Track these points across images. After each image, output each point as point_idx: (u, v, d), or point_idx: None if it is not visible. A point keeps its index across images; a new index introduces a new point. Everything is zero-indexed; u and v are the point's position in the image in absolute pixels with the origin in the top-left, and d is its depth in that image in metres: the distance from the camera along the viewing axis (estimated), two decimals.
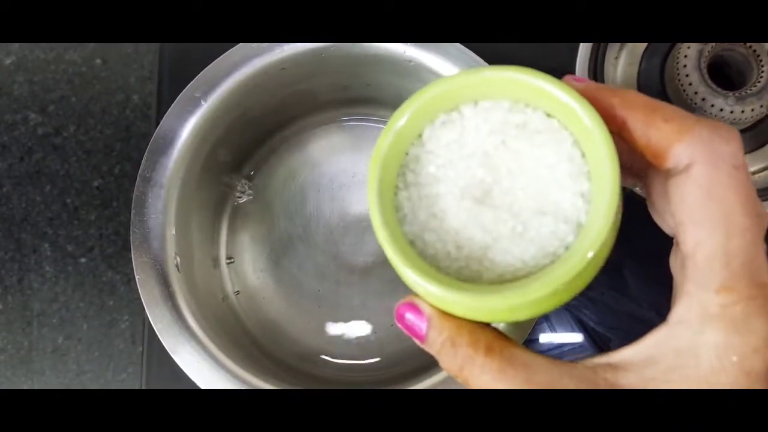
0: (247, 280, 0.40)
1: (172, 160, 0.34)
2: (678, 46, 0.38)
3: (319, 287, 0.39)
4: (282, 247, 0.40)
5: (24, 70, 0.57)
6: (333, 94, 0.39)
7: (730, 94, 0.36)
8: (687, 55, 0.36)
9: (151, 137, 0.34)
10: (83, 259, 0.54)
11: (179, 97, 0.34)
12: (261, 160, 0.41)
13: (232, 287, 0.40)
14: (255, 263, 0.40)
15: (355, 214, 0.40)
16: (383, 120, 0.41)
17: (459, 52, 0.33)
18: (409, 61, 0.34)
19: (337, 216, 0.40)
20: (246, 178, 0.41)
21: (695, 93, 0.36)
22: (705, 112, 0.36)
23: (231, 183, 0.41)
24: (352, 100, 0.40)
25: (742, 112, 0.37)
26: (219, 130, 0.36)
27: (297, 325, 0.39)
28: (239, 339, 0.37)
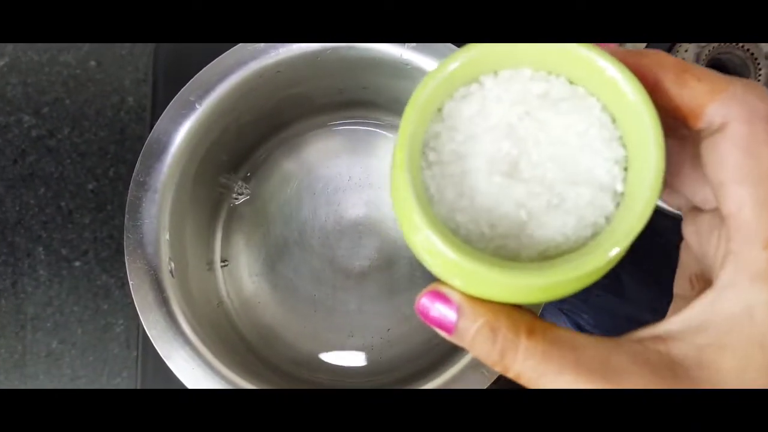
0: (242, 285, 0.40)
1: (166, 164, 0.33)
2: (676, 48, 0.37)
3: (315, 292, 0.39)
4: (277, 251, 0.40)
5: (17, 71, 0.57)
6: (329, 97, 0.39)
7: None
8: (685, 57, 0.36)
9: (145, 140, 0.34)
10: (77, 263, 0.54)
11: (173, 100, 0.34)
12: (256, 164, 0.41)
13: (227, 292, 0.39)
14: (250, 268, 0.40)
15: (351, 218, 0.40)
16: (379, 123, 0.41)
17: None
18: (406, 64, 0.34)
19: (332, 220, 0.40)
20: (241, 182, 0.41)
21: None
22: None
23: (226, 187, 0.40)
24: (348, 103, 0.40)
25: None
26: (214, 134, 0.36)
27: (292, 330, 0.39)
28: (234, 344, 0.37)
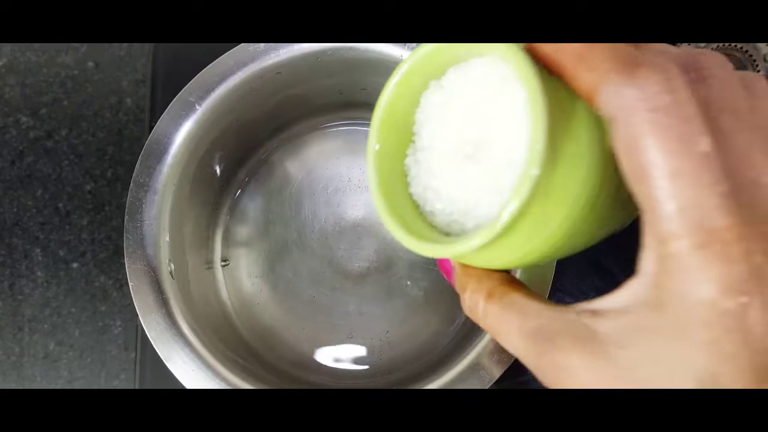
0: (241, 286, 0.40)
1: (166, 165, 0.33)
2: None
3: (314, 293, 0.39)
4: (277, 252, 0.40)
5: (15, 73, 0.57)
6: (328, 98, 0.39)
7: None
8: None
9: (143, 141, 0.34)
10: (75, 264, 0.54)
11: (173, 101, 0.34)
12: (256, 165, 0.41)
13: (226, 293, 0.39)
14: (249, 269, 0.40)
15: (351, 219, 0.40)
16: None
17: None
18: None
19: (332, 221, 0.40)
20: (240, 183, 0.41)
21: None
22: None
23: (225, 188, 0.40)
24: (347, 104, 0.40)
25: None
26: (213, 135, 0.36)
27: (292, 331, 0.39)
28: (234, 346, 0.37)
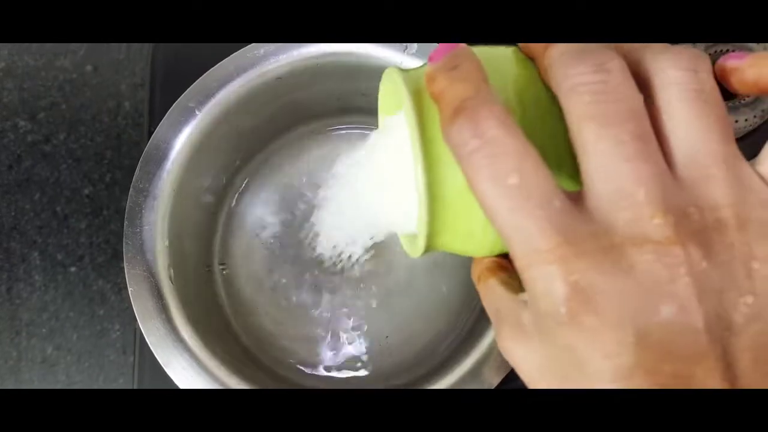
0: (240, 291, 0.40)
1: (165, 170, 0.33)
2: None
3: (313, 298, 0.39)
4: (276, 257, 0.40)
5: (13, 76, 0.57)
6: (328, 103, 0.39)
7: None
8: None
9: (142, 145, 0.34)
10: (73, 268, 0.53)
11: (173, 106, 0.34)
12: (255, 170, 0.41)
13: (225, 297, 0.39)
14: (248, 274, 0.40)
15: None
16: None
17: None
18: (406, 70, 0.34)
19: None
20: (239, 188, 0.41)
21: None
22: None
23: (224, 193, 0.40)
24: (346, 109, 0.40)
25: (736, 122, 0.38)
26: (213, 140, 0.36)
27: (290, 336, 0.39)
28: (233, 350, 0.37)
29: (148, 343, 0.31)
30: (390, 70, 0.21)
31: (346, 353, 0.38)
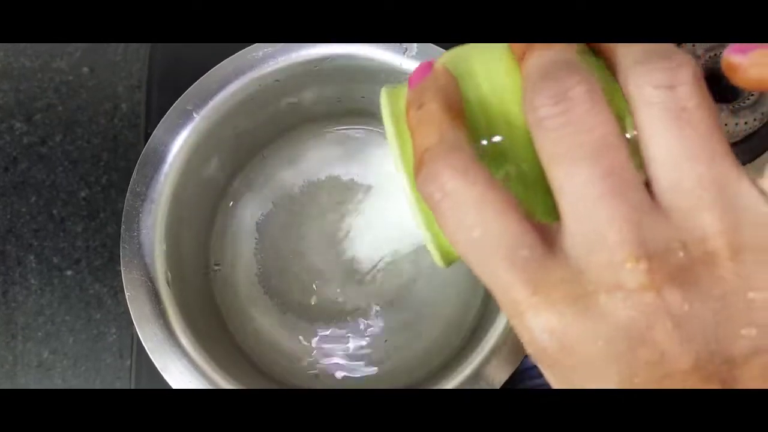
0: (238, 293, 0.39)
1: (162, 174, 0.33)
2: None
3: (312, 300, 0.39)
4: (274, 259, 0.40)
5: (9, 78, 0.56)
6: (326, 105, 0.39)
7: (724, 107, 0.36)
8: None
9: (139, 147, 0.33)
10: (69, 272, 0.53)
11: (171, 109, 0.34)
12: (253, 172, 0.41)
13: (222, 301, 0.39)
14: (247, 276, 0.39)
15: (348, 225, 0.40)
16: (377, 131, 0.41)
17: None
18: (405, 73, 0.34)
19: (329, 228, 0.40)
20: (237, 190, 0.40)
21: None
22: None
23: (222, 195, 0.40)
24: (345, 111, 0.40)
25: (736, 125, 0.37)
26: (211, 143, 0.35)
27: (289, 339, 0.39)
28: (231, 354, 0.37)
29: (146, 348, 0.31)
30: (382, 93, 0.20)
31: (346, 356, 0.38)
